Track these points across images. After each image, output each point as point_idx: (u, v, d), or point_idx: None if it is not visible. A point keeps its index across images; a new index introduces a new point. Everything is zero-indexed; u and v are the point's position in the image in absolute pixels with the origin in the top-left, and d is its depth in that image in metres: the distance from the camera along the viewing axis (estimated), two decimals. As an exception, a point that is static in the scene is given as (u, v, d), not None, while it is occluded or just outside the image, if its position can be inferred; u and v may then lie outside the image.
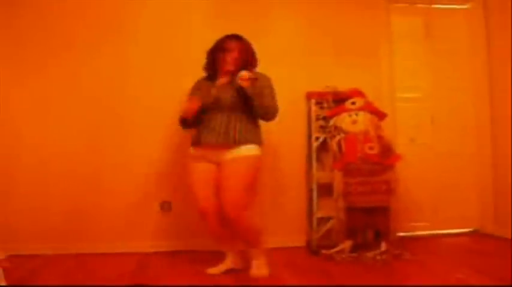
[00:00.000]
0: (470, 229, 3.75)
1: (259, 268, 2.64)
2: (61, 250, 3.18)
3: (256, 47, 2.71)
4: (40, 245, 3.18)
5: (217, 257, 2.78)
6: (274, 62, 3.39)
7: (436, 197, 3.74)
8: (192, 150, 2.71)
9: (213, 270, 2.71)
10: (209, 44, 2.77)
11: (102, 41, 3.35)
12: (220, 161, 2.59)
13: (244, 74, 2.50)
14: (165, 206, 3.35)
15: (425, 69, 3.81)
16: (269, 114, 2.67)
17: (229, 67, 2.66)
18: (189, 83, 2.87)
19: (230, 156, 2.56)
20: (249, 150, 2.58)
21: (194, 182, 2.65)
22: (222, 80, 2.69)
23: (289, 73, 3.44)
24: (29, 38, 3.30)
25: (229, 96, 2.59)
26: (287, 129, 3.44)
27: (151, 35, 3.39)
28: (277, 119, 3.32)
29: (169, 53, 3.39)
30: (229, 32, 2.75)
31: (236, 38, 2.72)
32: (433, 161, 3.76)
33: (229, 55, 2.67)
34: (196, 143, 2.67)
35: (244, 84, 2.50)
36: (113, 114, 3.34)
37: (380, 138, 3.17)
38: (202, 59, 2.80)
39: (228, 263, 2.73)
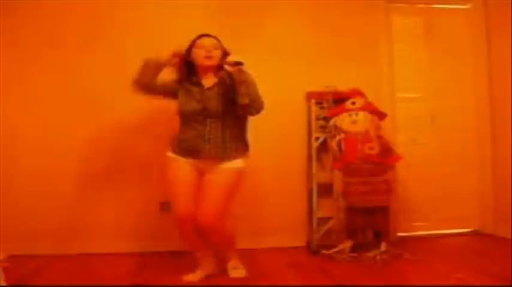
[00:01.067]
0: (470, 229, 3.75)
1: (236, 268, 2.64)
2: (61, 250, 3.18)
3: (256, 47, 2.71)
4: (40, 245, 3.18)
5: (217, 257, 2.77)
6: (274, 62, 3.40)
7: (436, 197, 3.74)
8: (172, 155, 2.59)
9: (190, 277, 2.61)
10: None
11: (103, 40, 3.35)
12: (206, 170, 2.53)
13: (231, 58, 2.47)
14: (165, 206, 3.34)
15: (425, 69, 3.81)
16: (256, 103, 2.46)
17: (214, 62, 2.54)
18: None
19: (220, 167, 2.50)
20: (238, 163, 2.53)
21: (176, 184, 2.54)
22: (207, 83, 2.57)
23: (289, 73, 3.44)
24: (27, 39, 3.30)
25: (217, 103, 2.50)
26: (287, 130, 3.45)
27: (151, 32, 3.37)
28: (278, 119, 3.36)
29: (170, 50, 3.38)
30: (228, 31, 2.72)
31: (211, 36, 2.60)
32: (433, 161, 3.76)
33: (210, 52, 2.53)
34: (182, 152, 2.54)
35: (232, 69, 2.45)
36: (113, 114, 3.33)
37: (380, 138, 3.17)
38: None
39: (205, 269, 2.64)
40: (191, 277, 2.60)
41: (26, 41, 3.29)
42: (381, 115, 3.29)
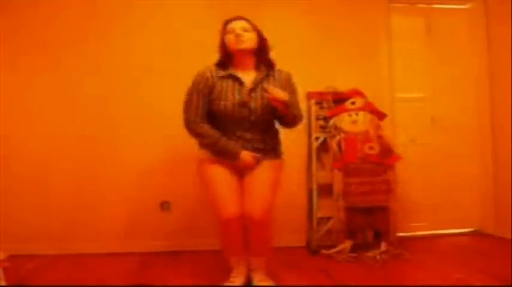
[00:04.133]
0: (471, 229, 3.75)
1: (263, 281, 2.37)
2: (61, 250, 3.19)
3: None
4: (40, 245, 3.18)
5: (217, 257, 2.77)
6: (274, 62, 3.39)
7: (436, 197, 3.74)
8: (205, 154, 2.37)
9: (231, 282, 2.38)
10: (207, 40, 2.68)
11: (100, 40, 3.36)
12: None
13: (273, 92, 2.21)
14: (165, 206, 3.35)
15: (425, 69, 3.81)
16: (296, 124, 2.45)
17: (246, 45, 2.31)
18: (188, 80, 2.64)
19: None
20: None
21: (216, 184, 2.30)
22: (248, 81, 2.34)
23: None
24: (22, 40, 3.30)
25: (260, 104, 2.31)
26: (287, 129, 3.44)
27: (148, 31, 3.38)
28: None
29: (169, 48, 3.39)
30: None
31: (241, 19, 2.40)
32: (433, 161, 3.76)
33: (241, 35, 2.31)
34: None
35: (275, 104, 2.23)
36: (112, 115, 3.34)
37: (380, 138, 3.17)
38: (202, 54, 2.64)
39: (241, 272, 2.41)
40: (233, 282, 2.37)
41: (21, 42, 3.29)
42: (381, 115, 3.29)
